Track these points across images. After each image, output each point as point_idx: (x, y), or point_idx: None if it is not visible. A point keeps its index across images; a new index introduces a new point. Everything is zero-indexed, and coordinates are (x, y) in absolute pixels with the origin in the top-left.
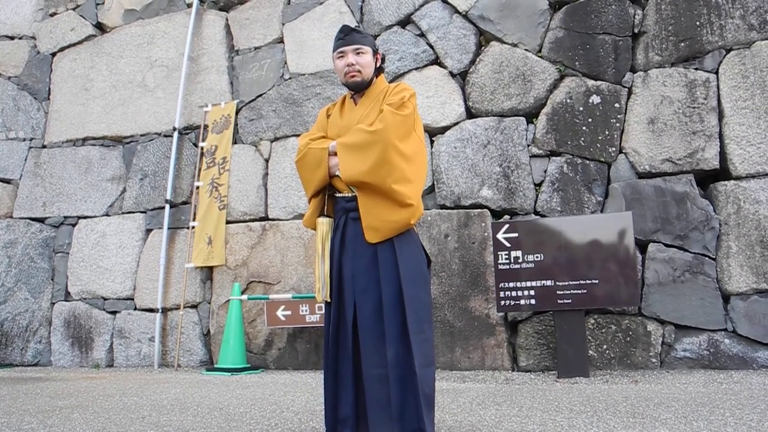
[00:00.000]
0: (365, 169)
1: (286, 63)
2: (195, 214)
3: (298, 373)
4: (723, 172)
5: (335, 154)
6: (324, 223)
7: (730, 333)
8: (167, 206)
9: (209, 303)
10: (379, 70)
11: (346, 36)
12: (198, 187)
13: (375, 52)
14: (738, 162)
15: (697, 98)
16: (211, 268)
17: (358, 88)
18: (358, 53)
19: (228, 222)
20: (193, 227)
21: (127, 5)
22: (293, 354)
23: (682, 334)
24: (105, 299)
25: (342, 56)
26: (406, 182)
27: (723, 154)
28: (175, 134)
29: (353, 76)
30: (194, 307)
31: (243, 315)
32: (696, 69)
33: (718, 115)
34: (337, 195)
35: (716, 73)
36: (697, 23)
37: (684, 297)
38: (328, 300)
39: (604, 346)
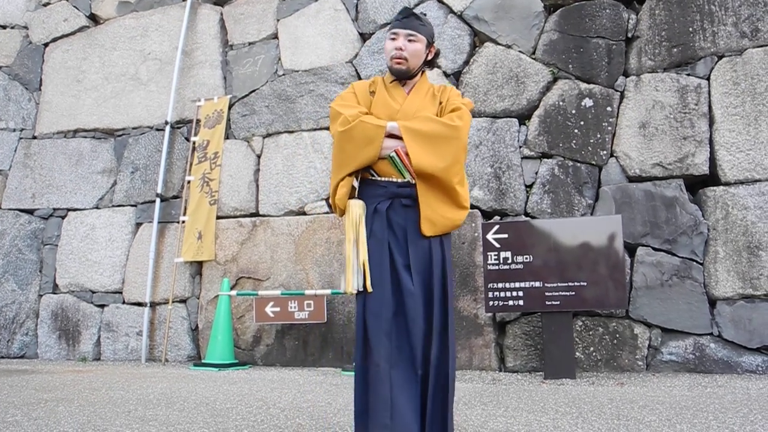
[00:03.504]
0: (441, 164)
1: (280, 59)
2: (185, 209)
3: (286, 369)
4: (712, 178)
5: (392, 136)
6: (358, 206)
7: (716, 337)
8: (158, 200)
9: (198, 298)
10: (429, 64)
11: (404, 18)
12: (189, 182)
13: (429, 44)
14: (727, 168)
15: (689, 104)
16: (200, 263)
17: (400, 76)
18: (411, 40)
19: (218, 217)
20: (183, 222)
21: None
22: (281, 350)
23: (668, 338)
24: (93, 292)
25: (394, 38)
26: (464, 185)
27: (713, 160)
28: (167, 128)
29: (399, 63)
30: (183, 301)
31: (232, 311)
32: (688, 75)
33: (708, 121)
34: (380, 179)
35: (708, 79)
36: (690, 29)
37: (671, 301)
38: (368, 290)
39: (591, 348)
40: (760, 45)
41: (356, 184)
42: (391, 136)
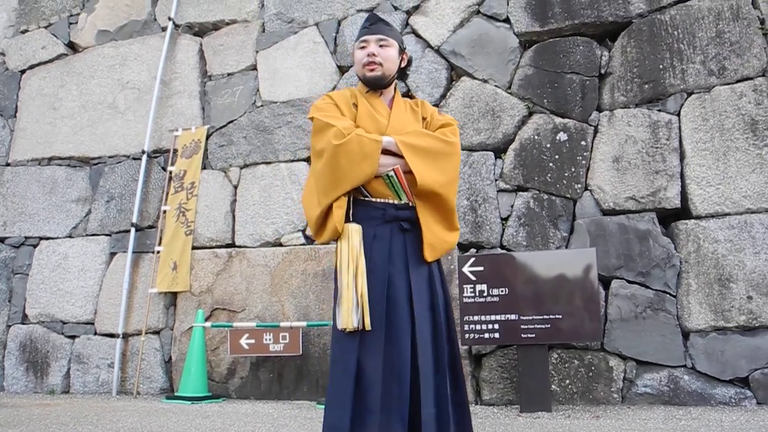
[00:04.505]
0: (442, 180)
1: (258, 90)
2: (161, 239)
3: (260, 403)
4: (684, 211)
5: (386, 152)
6: (357, 232)
7: (690, 369)
8: (133, 230)
9: (172, 329)
10: (401, 72)
11: (371, 25)
12: (165, 212)
13: (402, 50)
14: (698, 202)
15: (660, 139)
16: (175, 294)
17: (376, 84)
18: (382, 45)
19: (194, 248)
20: (158, 252)
21: (100, 26)
22: (256, 383)
23: (643, 370)
24: (64, 323)
25: (365, 46)
26: (454, 208)
27: (684, 194)
28: (144, 157)
29: (372, 69)
30: (156, 333)
31: (206, 342)
32: (659, 110)
33: (679, 155)
34: (375, 200)
35: (678, 115)
36: (661, 67)
37: (645, 333)
38: (367, 328)
39: (567, 381)
40: (726, 83)
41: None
42: (385, 152)
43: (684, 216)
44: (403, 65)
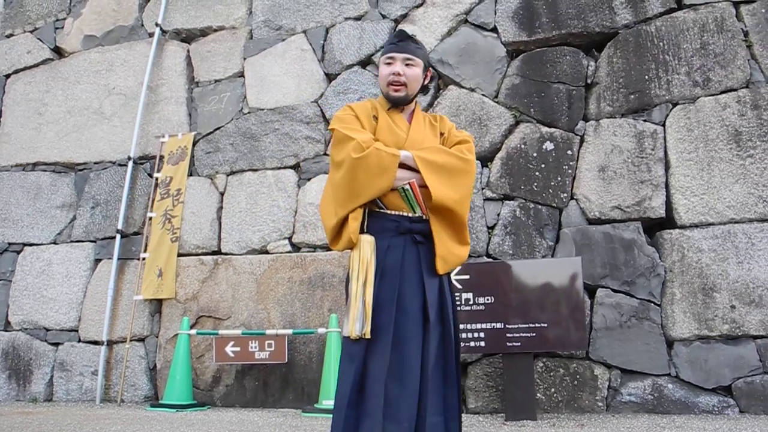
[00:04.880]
0: (456, 196)
1: (245, 97)
2: (146, 246)
3: (245, 410)
4: (669, 221)
5: (403, 166)
6: (369, 243)
7: (674, 378)
8: (118, 236)
9: (157, 337)
10: (424, 89)
11: (399, 42)
12: (151, 218)
13: (426, 68)
14: (683, 211)
15: (645, 149)
16: (160, 301)
17: (399, 103)
18: (408, 64)
19: (180, 255)
20: (143, 259)
21: (87, 31)
22: (241, 391)
23: (627, 379)
24: (47, 330)
25: (390, 63)
26: (466, 223)
27: (669, 204)
28: (130, 163)
29: (397, 90)
30: (141, 340)
31: (191, 350)
32: (645, 120)
33: (664, 165)
34: (390, 212)
35: (663, 125)
36: (646, 77)
37: (630, 342)
38: (367, 336)
39: (552, 390)
40: (711, 94)
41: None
42: (401, 166)
43: (669, 225)
44: (426, 82)
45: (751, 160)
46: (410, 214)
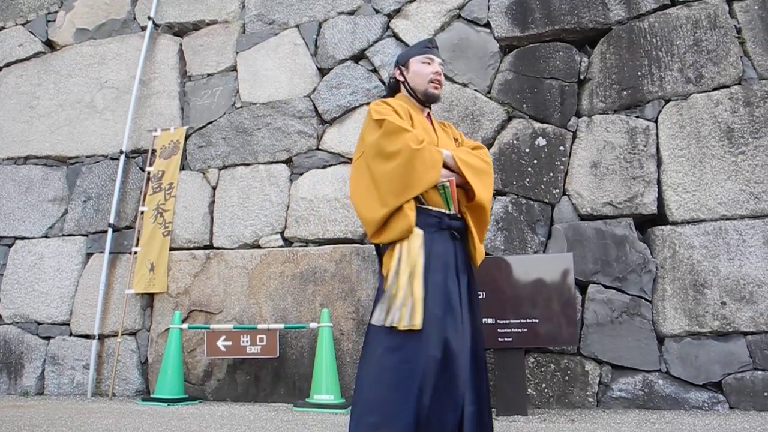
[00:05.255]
0: (489, 196)
1: (238, 91)
2: (138, 240)
3: (237, 405)
4: (660, 217)
5: (444, 165)
6: (419, 236)
7: (664, 374)
8: (110, 230)
9: (148, 331)
10: None
11: (434, 48)
12: (143, 212)
13: None
14: (674, 208)
15: (638, 145)
16: (152, 295)
17: (433, 101)
18: (441, 68)
19: (172, 249)
20: (135, 253)
21: (79, 24)
22: (232, 385)
23: (618, 374)
24: (39, 324)
25: (430, 63)
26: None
27: (660, 200)
28: (122, 157)
29: (436, 87)
30: (133, 334)
31: (183, 344)
32: (637, 117)
33: (656, 162)
34: (431, 208)
35: (656, 121)
36: (639, 74)
37: (621, 338)
38: (418, 327)
39: (543, 385)
40: (703, 90)
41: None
42: (445, 167)
43: (660, 222)
44: None
45: (743, 157)
46: (446, 211)
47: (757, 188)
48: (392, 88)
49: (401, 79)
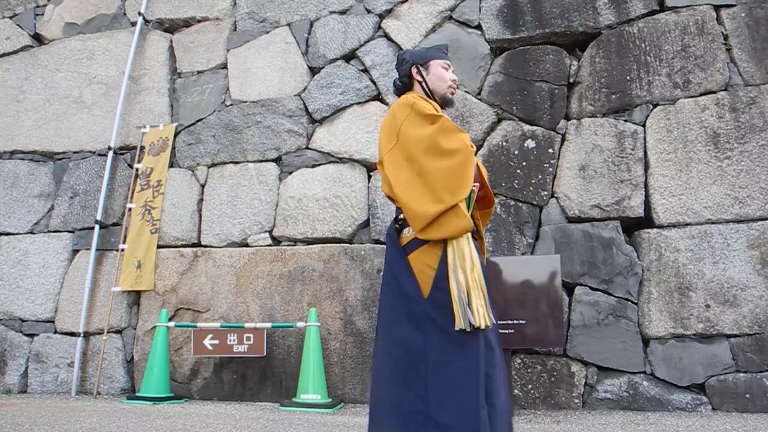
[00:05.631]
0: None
1: (228, 89)
2: (125, 237)
3: (223, 404)
4: (647, 220)
5: None
6: (469, 235)
7: (649, 375)
8: (97, 227)
9: (135, 329)
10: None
11: (449, 54)
12: (130, 209)
13: None
14: (661, 211)
15: (626, 148)
16: (138, 293)
17: (450, 105)
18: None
19: (159, 246)
20: (122, 250)
21: (68, 18)
22: (219, 384)
23: (604, 376)
24: (23, 321)
25: (447, 68)
26: None
27: (647, 203)
28: (110, 153)
29: (453, 93)
30: (119, 332)
31: (169, 342)
32: (625, 120)
33: (644, 165)
34: None
35: (643, 125)
36: (628, 78)
37: (607, 339)
38: (489, 325)
39: (530, 386)
40: (690, 96)
41: None
42: None
43: (647, 225)
44: None
45: (729, 162)
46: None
47: (741, 193)
48: (405, 86)
49: (419, 79)
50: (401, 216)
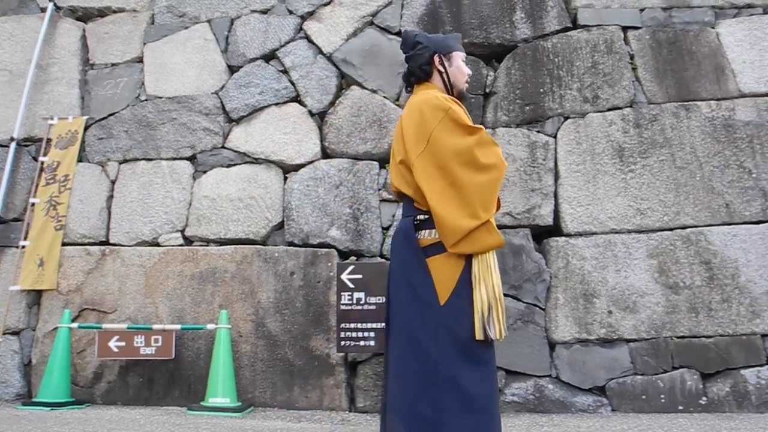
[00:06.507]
0: None
1: (143, 84)
2: (27, 233)
3: (128, 408)
4: (556, 229)
5: None
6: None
7: (554, 379)
8: None
9: (34, 330)
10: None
11: None
12: (33, 204)
13: None
14: (569, 220)
15: (537, 159)
16: (39, 293)
17: (464, 99)
18: None
19: (64, 244)
20: (23, 247)
21: None
22: (124, 388)
23: (512, 380)
24: None
25: (465, 62)
26: None
27: (557, 212)
28: (13, 144)
29: (467, 88)
30: (16, 333)
31: (72, 345)
32: (538, 132)
33: (554, 175)
34: None
35: (555, 137)
36: (541, 90)
37: (515, 344)
38: (502, 337)
39: None
40: (599, 110)
41: None
42: None
43: (556, 233)
44: None
45: (632, 175)
46: None
47: (643, 204)
48: (426, 74)
49: (441, 69)
50: (420, 216)
